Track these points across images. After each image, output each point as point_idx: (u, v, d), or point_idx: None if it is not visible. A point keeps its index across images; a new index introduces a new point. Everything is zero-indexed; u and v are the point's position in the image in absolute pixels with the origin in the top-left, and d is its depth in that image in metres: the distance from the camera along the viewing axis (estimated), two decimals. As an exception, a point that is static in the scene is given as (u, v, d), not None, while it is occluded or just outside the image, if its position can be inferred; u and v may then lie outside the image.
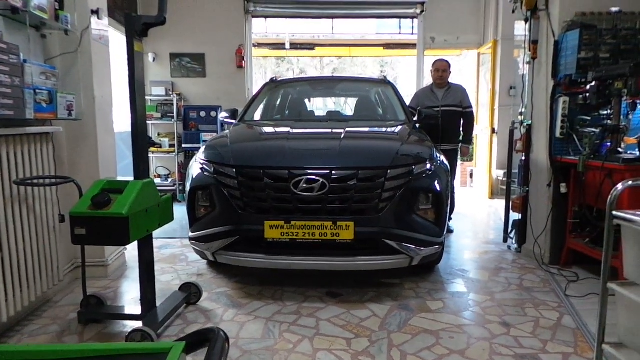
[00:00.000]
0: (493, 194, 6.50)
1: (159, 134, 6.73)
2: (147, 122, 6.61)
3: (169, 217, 2.55)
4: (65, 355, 0.81)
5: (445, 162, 3.18)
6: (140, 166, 2.34)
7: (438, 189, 2.84)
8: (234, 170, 2.77)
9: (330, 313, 2.61)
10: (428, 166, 2.87)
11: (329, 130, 3.43)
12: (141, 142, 2.36)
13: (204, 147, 3.18)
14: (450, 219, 4.63)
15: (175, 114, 6.35)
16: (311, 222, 2.61)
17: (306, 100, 4.96)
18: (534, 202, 3.58)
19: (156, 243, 4.14)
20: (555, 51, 3.31)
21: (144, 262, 2.37)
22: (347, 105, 8.15)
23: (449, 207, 3.02)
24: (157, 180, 6.35)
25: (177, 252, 3.83)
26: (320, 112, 6.95)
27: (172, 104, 6.39)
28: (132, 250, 3.74)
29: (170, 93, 6.51)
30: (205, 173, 2.91)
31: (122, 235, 2.07)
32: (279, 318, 2.55)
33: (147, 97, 6.51)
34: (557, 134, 3.28)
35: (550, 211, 3.39)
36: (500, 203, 6.00)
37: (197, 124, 6.39)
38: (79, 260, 3.16)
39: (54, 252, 2.71)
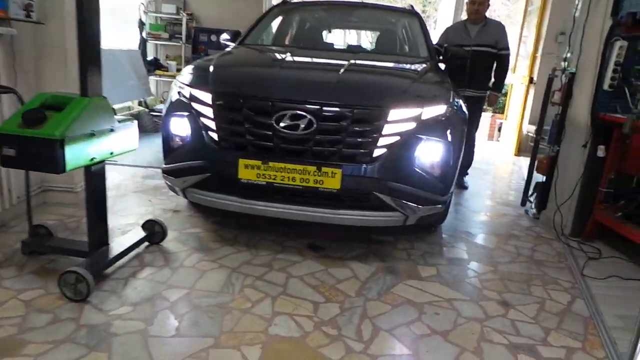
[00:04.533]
0: (520, 151, 5.94)
1: (167, 57, 6.31)
2: (154, 42, 6.23)
3: (130, 145, 2.22)
4: None
5: (464, 109, 2.69)
6: (89, 80, 1.97)
7: (449, 139, 2.39)
8: (211, 96, 2.38)
9: (305, 269, 2.30)
10: (441, 111, 2.40)
11: (331, 61, 2.95)
12: (90, 49, 1.97)
13: (185, 68, 2.78)
14: (466, 174, 4.20)
15: (183, 36, 5.88)
16: (292, 165, 2.24)
17: (320, 29, 4.40)
18: (563, 164, 3.09)
19: (143, 172, 3.89)
20: (620, -19, 2.66)
21: (92, 194, 2.07)
22: (370, 40, 7.46)
23: (460, 161, 2.59)
24: (162, 107, 6.03)
25: (161, 184, 3.53)
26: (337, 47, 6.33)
27: (182, 25, 5.90)
28: (116, 175, 3.45)
29: (181, 12, 6.00)
30: (182, 98, 2.53)
31: (54, 161, 1.75)
32: (246, 269, 2.26)
33: (155, 15, 6.04)
34: (606, 86, 2.72)
35: (581, 176, 2.91)
36: (526, 161, 5.46)
37: (206, 48, 5.93)
38: (47, 184, 2.93)
39: None
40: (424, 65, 2.97)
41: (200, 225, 2.77)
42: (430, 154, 2.34)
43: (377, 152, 2.26)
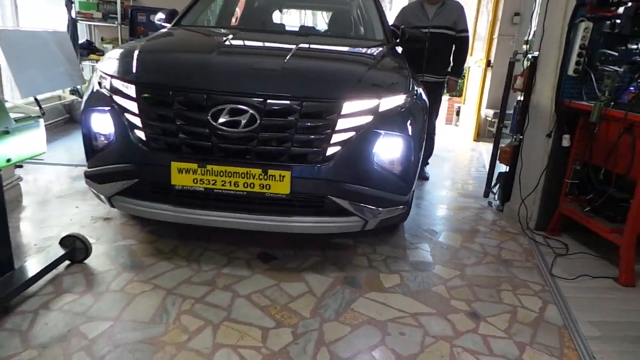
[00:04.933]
0: (479, 136, 5.86)
1: (102, 39, 5.74)
2: (86, 22, 5.65)
3: (34, 149, 1.84)
4: None
5: (424, 97, 2.47)
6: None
7: (410, 132, 2.15)
8: (134, 88, 2.02)
9: (254, 285, 2.03)
10: (400, 101, 2.15)
11: (277, 45, 2.64)
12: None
13: (107, 53, 2.39)
14: (427, 163, 4.02)
15: (119, 15, 5.34)
16: (234, 168, 1.94)
17: (269, 9, 4.04)
18: (527, 154, 2.95)
19: (74, 172, 3.45)
20: (585, -42, 2.49)
21: (-15, 212, 1.69)
22: (327, 22, 7.12)
23: (422, 154, 2.38)
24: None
25: (92, 186, 3.13)
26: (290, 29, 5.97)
27: (116, 3, 5.35)
28: (41, 176, 3.03)
29: (115, -11, 5.44)
30: (103, 90, 2.15)
31: None
32: (185, 290, 1.95)
33: (86, -8, 5.44)
34: (570, 71, 2.57)
35: (546, 167, 2.77)
36: (486, 147, 5.39)
37: (146, 30, 5.41)
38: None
39: None
40: (380, 49, 2.71)
41: (135, 236, 2.43)
42: (389, 150, 2.10)
43: (330, 151, 1.99)
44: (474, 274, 2.28)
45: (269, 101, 1.94)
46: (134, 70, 2.09)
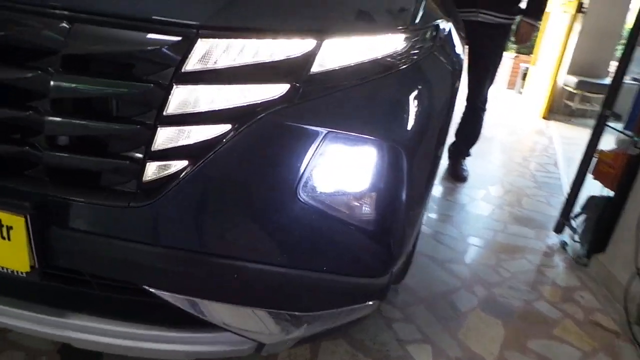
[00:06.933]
0: (551, 112, 4.30)
1: None
2: None
3: None
4: None
5: (458, 47, 1.10)
6: None
7: (407, 133, 0.84)
8: None
9: None
10: (388, 49, 0.81)
11: None
12: None
13: None
14: (467, 155, 2.64)
15: None
16: None
17: None
18: (658, 175, 1.53)
19: None
20: None
21: None
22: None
23: (432, 184, 1.08)
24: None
25: None
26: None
27: None
28: None
29: None
30: None
31: None
32: None
33: None
34: None
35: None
36: (560, 130, 3.85)
37: None
38: None
39: None
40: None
41: None
42: (344, 173, 0.79)
43: (157, 168, 0.71)
44: None
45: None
46: None
